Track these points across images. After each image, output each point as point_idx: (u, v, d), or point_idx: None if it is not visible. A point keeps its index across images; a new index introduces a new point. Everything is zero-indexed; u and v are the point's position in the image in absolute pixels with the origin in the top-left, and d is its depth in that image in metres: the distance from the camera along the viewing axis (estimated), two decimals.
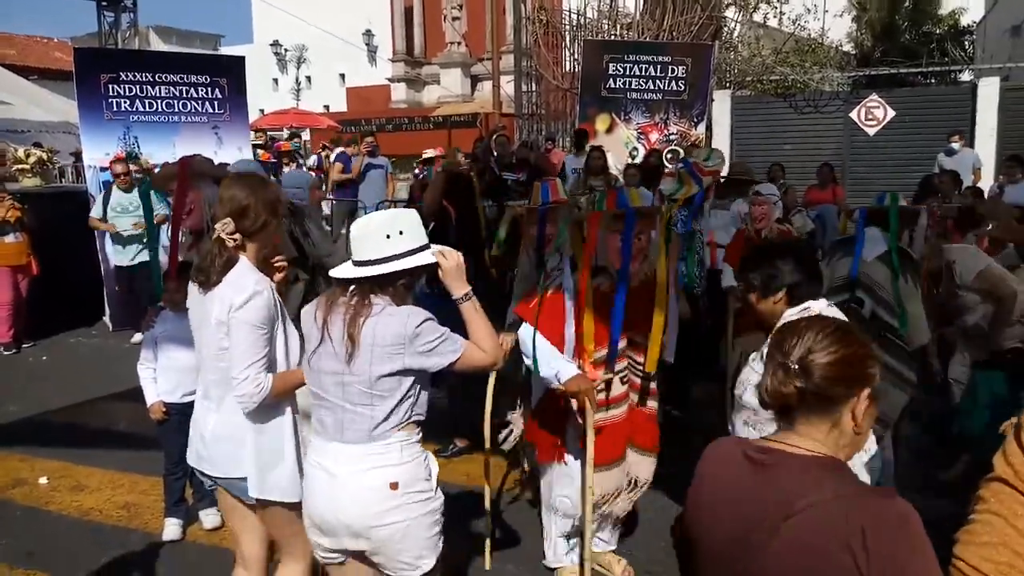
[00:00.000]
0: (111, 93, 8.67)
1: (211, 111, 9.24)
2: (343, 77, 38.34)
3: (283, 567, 2.86)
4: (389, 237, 2.34)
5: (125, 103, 8.75)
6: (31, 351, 8.07)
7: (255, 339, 2.56)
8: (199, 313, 2.70)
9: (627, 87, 11.86)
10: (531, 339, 3.27)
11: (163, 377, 4.07)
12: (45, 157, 9.85)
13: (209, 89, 9.21)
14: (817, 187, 9.92)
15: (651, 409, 3.59)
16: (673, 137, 11.77)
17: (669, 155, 10.02)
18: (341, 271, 2.40)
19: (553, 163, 10.92)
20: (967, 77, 17.81)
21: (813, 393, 1.55)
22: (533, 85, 15.62)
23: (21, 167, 9.65)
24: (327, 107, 34.76)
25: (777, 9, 17.37)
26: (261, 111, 26.67)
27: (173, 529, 4.15)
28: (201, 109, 9.17)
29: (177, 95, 9.03)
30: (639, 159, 10.33)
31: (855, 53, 23.78)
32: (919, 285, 4.21)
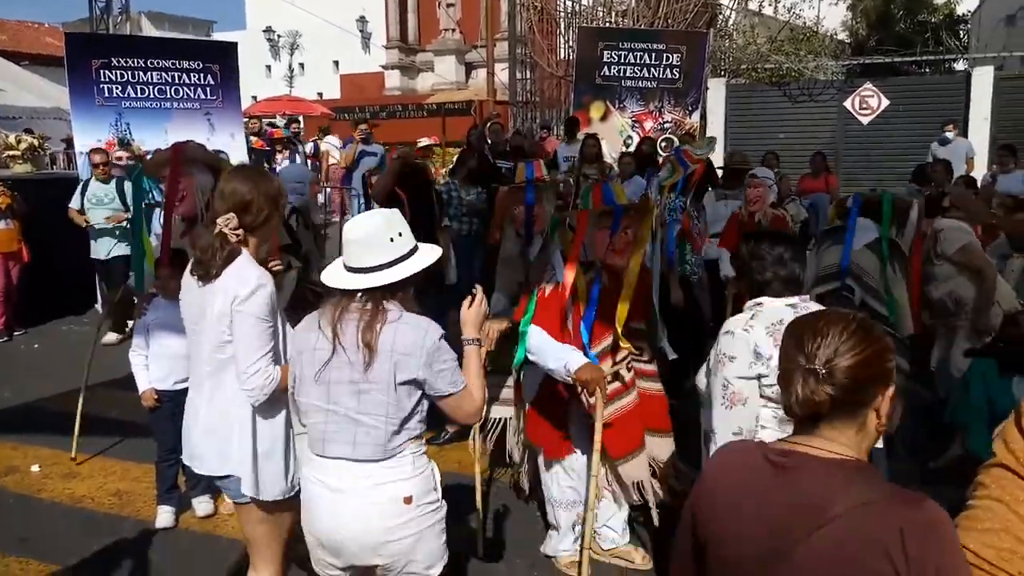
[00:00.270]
0: (103, 79, 8.57)
1: (203, 97, 9.14)
2: (337, 64, 38.18)
3: (252, 572, 2.79)
4: (392, 240, 2.32)
5: (117, 89, 8.65)
6: (22, 339, 8.04)
7: (261, 331, 2.53)
8: (196, 305, 2.64)
9: (622, 75, 11.84)
10: (536, 336, 3.28)
11: (155, 364, 4.07)
12: (36, 144, 9.73)
13: (201, 75, 9.12)
14: (810, 176, 9.91)
15: (658, 391, 3.63)
16: (668, 125, 11.77)
17: (663, 143, 10.00)
18: (347, 281, 2.33)
19: (547, 151, 10.90)
20: (961, 66, 17.82)
21: (842, 399, 1.48)
22: (528, 72, 15.58)
23: (12, 153, 9.54)
24: (320, 94, 34.64)
25: None
26: (254, 98, 26.50)
27: (165, 517, 4.15)
28: (193, 95, 9.07)
29: (169, 81, 8.93)
30: (633, 147, 10.32)
31: (850, 42, 23.76)
32: (905, 275, 4.23)
